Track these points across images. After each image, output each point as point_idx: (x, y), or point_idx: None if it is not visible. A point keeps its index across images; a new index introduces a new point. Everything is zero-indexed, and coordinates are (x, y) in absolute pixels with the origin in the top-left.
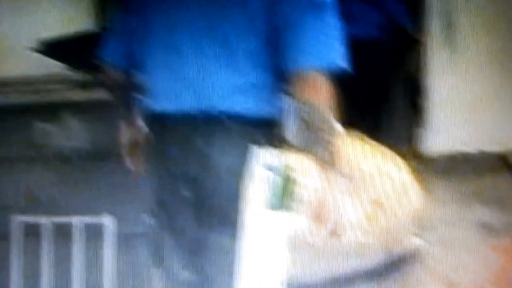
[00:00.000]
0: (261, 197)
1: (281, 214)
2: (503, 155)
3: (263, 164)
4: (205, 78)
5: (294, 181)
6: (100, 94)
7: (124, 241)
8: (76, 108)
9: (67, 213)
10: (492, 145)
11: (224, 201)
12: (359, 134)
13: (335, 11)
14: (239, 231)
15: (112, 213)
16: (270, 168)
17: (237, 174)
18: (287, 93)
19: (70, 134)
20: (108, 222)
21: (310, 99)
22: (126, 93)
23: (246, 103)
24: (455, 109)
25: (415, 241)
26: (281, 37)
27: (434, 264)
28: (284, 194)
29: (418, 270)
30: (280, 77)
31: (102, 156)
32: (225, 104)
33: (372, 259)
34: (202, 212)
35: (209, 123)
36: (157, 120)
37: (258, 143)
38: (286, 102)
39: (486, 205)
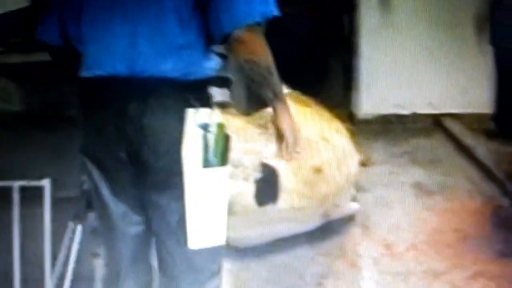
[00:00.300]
0: (197, 156)
1: (218, 171)
2: (437, 117)
3: (196, 124)
4: (136, 43)
5: (227, 137)
6: (37, 58)
7: (63, 204)
8: (13, 71)
9: (5, 177)
10: (425, 107)
11: (162, 162)
12: (304, 96)
13: None
14: (180, 189)
15: (50, 177)
16: (203, 127)
17: (171, 136)
18: (223, 53)
19: (7, 98)
20: (47, 185)
21: (251, 55)
22: (67, 63)
23: (176, 66)
24: (389, 72)
25: (353, 206)
26: (211, 0)
27: (371, 225)
28: (219, 151)
29: (356, 232)
30: (212, 38)
31: (40, 120)
32: (156, 67)
33: (310, 223)
34: (142, 174)
35: (142, 87)
36: (94, 87)
37: (191, 104)
38: (224, 62)
39: (420, 166)
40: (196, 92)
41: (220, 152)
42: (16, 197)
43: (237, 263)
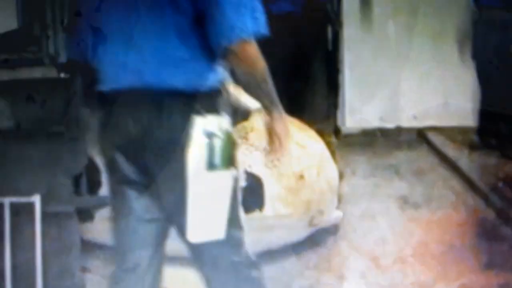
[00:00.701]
0: (202, 160)
1: (222, 174)
2: (421, 131)
3: (203, 130)
4: (144, 58)
5: (234, 143)
6: (27, 74)
7: (53, 220)
8: (3, 88)
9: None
10: (409, 121)
11: (172, 168)
12: None
13: None
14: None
15: (39, 192)
16: (209, 133)
17: (180, 143)
18: (222, 65)
19: (7, 115)
20: (37, 201)
21: (246, 67)
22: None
23: (182, 78)
24: (373, 86)
25: (337, 213)
26: (207, 17)
27: (357, 238)
28: (224, 155)
29: (342, 245)
30: (213, 52)
31: (28, 136)
32: (163, 80)
33: (296, 232)
34: (156, 179)
35: (152, 99)
36: (111, 99)
37: (198, 112)
38: (223, 73)
39: (404, 179)
40: (203, 102)
41: (225, 156)
42: (6, 213)
43: None
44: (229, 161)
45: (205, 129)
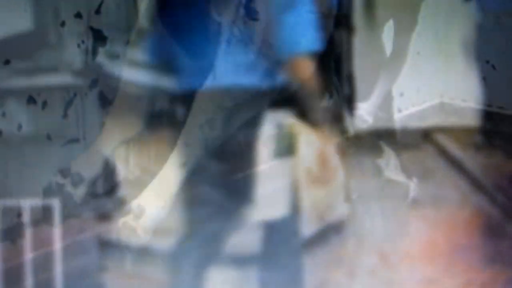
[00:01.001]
0: (271, 150)
1: (285, 161)
2: (427, 131)
3: (273, 124)
4: (219, 63)
5: (295, 138)
6: (42, 80)
7: (70, 222)
8: (17, 92)
9: (14, 196)
10: (415, 121)
11: (244, 156)
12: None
13: (309, 5)
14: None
15: (55, 195)
16: (279, 127)
17: (252, 134)
18: (282, 72)
19: (12, 118)
20: (56, 204)
21: (298, 79)
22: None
23: (248, 80)
24: (378, 87)
25: (346, 208)
26: (267, 33)
27: (364, 236)
28: (290, 145)
29: (350, 242)
30: (275, 60)
31: (44, 139)
32: (232, 81)
33: (306, 227)
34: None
35: (223, 97)
36: (186, 98)
37: (267, 107)
38: (282, 78)
39: (411, 179)
40: (272, 99)
41: (290, 147)
42: (26, 216)
43: None
44: (292, 151)
45: (275, 122)
